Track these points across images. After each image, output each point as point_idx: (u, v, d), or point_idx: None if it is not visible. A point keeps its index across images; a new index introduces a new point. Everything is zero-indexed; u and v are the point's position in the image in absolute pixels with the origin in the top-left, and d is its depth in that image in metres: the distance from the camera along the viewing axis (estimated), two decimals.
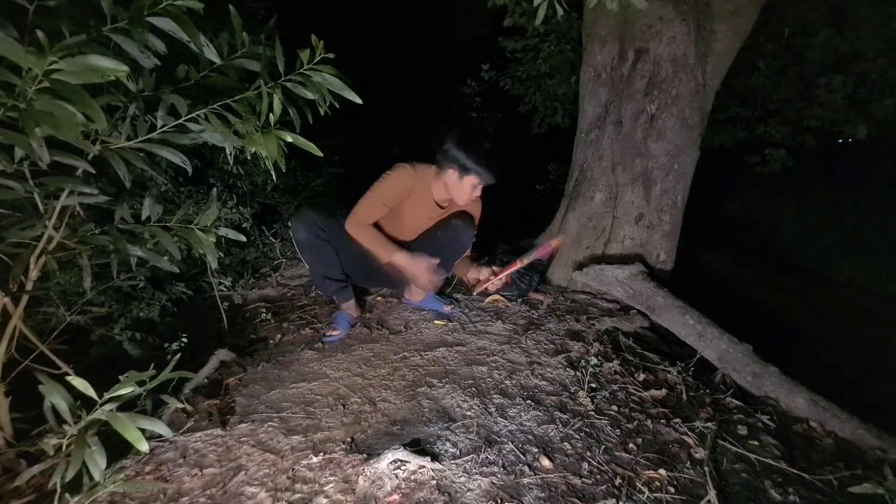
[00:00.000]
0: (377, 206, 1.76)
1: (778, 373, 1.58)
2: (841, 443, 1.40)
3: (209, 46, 1.07)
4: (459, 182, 1.75)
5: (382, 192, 1.75)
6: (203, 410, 1.41)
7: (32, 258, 1.08)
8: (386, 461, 1.13)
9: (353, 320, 1.93)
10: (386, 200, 1.76)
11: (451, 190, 1.79)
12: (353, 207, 1.76)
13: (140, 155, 1.09)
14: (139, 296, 1.87)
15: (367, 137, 4.57)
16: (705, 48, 2.06)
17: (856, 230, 4.78)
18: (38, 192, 1.04)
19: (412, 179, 1.77)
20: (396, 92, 5.35)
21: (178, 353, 1.37)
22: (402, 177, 1.75)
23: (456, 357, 1.68)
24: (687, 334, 1.82)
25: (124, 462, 1.18)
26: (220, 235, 1.31)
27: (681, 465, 1.23)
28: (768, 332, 1.93)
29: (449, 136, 1.73)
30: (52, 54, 0.79)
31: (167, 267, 1.25)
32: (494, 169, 1.74)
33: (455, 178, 1.74)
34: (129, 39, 0.94)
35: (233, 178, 2.37)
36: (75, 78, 0.81)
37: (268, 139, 1.17)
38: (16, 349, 1.11)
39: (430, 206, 1.87)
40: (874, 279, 4.02)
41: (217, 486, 1.12)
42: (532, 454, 1.22)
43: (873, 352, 2.87)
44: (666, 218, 2.18)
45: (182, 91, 1.13)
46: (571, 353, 1.70)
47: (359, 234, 1.76)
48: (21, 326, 1.10)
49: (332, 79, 1.18)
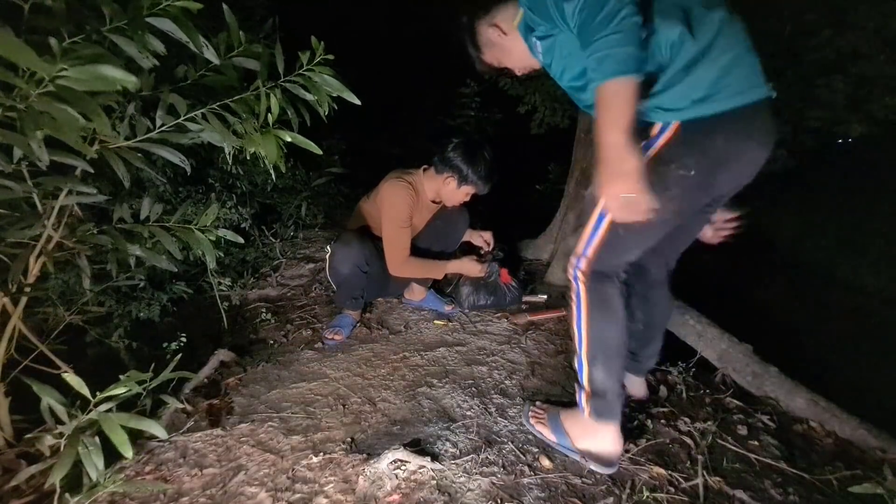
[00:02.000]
0: (403, 234, 1.81)
1: (778, 373, 1.58)
2: (841, 443, 1.40)
3: (208, 47, 1.07)
4: (457, 189, 1.81)
5: (399, 219, 1.79)
6: (203, 410, 1.41)
7: (31, 258, 1.08)
8: (386, 461, 1.13)
9: (355, 323, 1.94)
10: (405, 223, 1.81)
11: (445, 194, 1.86)
12: (386, 252, 1.83)
13: (138, 155, 1.09)
14: (139, 296, 1.87)
15: (367, 137, 4.56)
16: None
17: (856, 230, 4.77)
18: (36, 191, 1.04)
19: (412, 193, 1.82)
20: (396, 92, 5.35)
21: (178, 353, 1.37)
22: (405, 196, 1.79)
23: (456, 357, 1.68)
24: (687, 334, 1.82)
25: (124, 462, 1.18)
26: (219, 236, 1.31)
27: (681, 465, 1.23)
28: (768, 332, 1.93)
29: (452, 146, 1.77)
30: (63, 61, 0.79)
31: (166, 266, 1.25)
32: (492, 181, 1.82)
33: (453, 186, 1.81)
34: (127, 40, 0.93)
35: (232, 178, 2.37)
36: (82, 85, 0.82)
37: (266, 139, 1.17)
38: (15, 349, 1.11)
39: (428, 206, 1.94)
40: (874, 279, 4.02)
41: (217, 486, 1.12)
42: (532, 454, 1.22)
43: (873, 352, 2.86)
44: None
45: (181, 91, 1.13)
46: (571, 353, 1.69)
47: (408, 272, 1.89)
48: (21, 326, 1.10)
49: (331, 80, 1.18)
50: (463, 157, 1.76)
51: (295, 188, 2.81)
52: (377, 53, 5.55)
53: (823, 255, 4.59)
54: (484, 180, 1.79)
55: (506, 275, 2.02)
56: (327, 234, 2.84)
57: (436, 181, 1.84)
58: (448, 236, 2.03)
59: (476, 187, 1.81)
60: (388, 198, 1.79)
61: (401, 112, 5.56)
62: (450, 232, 2.02)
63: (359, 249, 1.78)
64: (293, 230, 2.80)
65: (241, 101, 1.16)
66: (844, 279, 4.16)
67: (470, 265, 1.97)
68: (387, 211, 1.79)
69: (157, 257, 1.23)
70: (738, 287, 4.00)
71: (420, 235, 1.98)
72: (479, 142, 1.80)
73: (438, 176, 1.81)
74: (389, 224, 1.79)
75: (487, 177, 1.79)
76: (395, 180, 1.81)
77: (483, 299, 2.03)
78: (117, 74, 0.82)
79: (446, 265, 1.97)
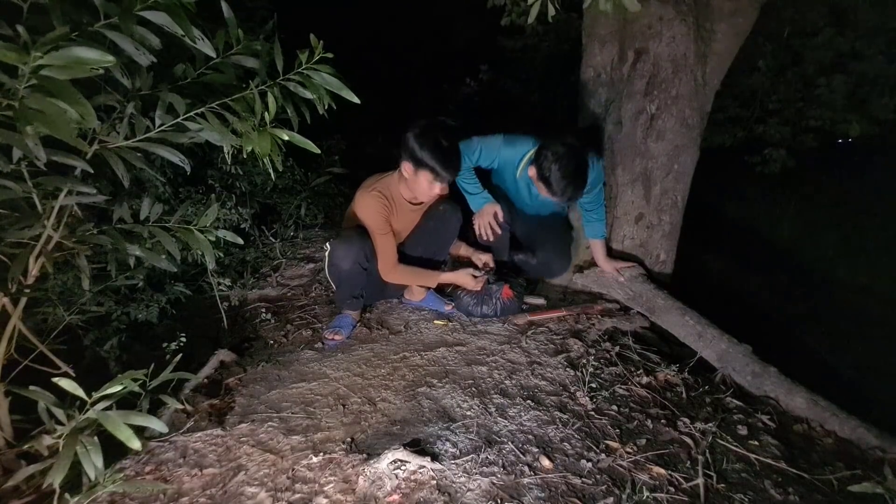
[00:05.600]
0: (384, 240, 1.80)
1: (778, 373, 1.58)
2: (841, 443, 1.40)
3: (203, 40, 1.06)
4: (415, 176, 1.71)
5: (377, 227, 1.78)
6: (203, 410, 1.41)
7: (31, 258, 1.08)
8: (386, 461, 1.12)
9: (355, 323, 1.94)
10: (383, 229, 1.79)
11: (411, 185, 1.77)
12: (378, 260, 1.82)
13: (138, 154, 1.08)
14: (138, 297, 1.87)
15: (367, 137, 4.56)
16: (705, 48, 2.05)
17: (856, 230, 4.77)
18: (36, 191, 1.04)
19: (382, 199, 1.79)
20: (396, 91, 5.35)
21: (178, 353, 1.37)
22: (374, 205, 1.77)
23: (456, 357, 1.68)
24: (687, 335, 1.82)
25: (124, 462, 1.18)
26: (219, 236, 1.31)
27: (681, 465, 1.23)
28: (768, 332, 1.93)
29: (409, 127, 1.68)
30: (36, 49, 0.78)
31: (166, 266, 1.25)
32: (451, 166, 1.69)
33: (410, 171, 1.71)
34: (122, 35, 0.93)
35: (231, 178, 2.36)
36: (63, 73, 0.80)
37: (262, 137, 1.17)
38: (15, 349, 1.11)
39: (408, 207, 1.89)
40: (874, 280, 4.01)
41: (217, 486, 1.12)
42: (532, 454, 1.22)
43: (873, 352, 2.86)
44: (666, 218, 2.17)
45: (180, 90, 1.13)
46: (571, 353, 1.70)
47: (399, 278, 1.90)
48: (20, 327, 1.10)
49: (330, 78, 1.18)
50: (417, 139, 1.64)
51: (295, 188, 2.80)
52: (377, 53, 5.56)
53: (823, 254, 4.59)
54: (440, 164, 1.65)
55: (507, 290, 1.98)
56: (327, 234, 2.84)
57: (403, 178, 1.76)
58: (439, 236, 1.99)
59: (433, 173, 1.67)
60: (360, 209, 1.79)
61: (400, 112, 5.55)
62: (441, 231, 1.98)
63: (359, 245, 1.77)
64: (293, 230, 2.80)
65: (241, 99, 1.16)
66: (844, 279, 4.16)
67: (465, 278, 1.94)
68: (364, 221, 1.79)
69: (157, 258, 1.23)
70: (739, 287, 4.00)
71: (412, 236, 1.97)
72: (440, 125, 1.68)
73: (401, 160, 1.72)
74: (370, 233, 1.79)
75: (444, 160, 1.66)
76: (365, 190, 1.80)
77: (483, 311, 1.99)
78: (93, 55, 0.81)
79: (439, 275, 1.95)
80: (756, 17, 2.05)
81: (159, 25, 0.97)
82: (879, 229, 4.59)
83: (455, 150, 1.71)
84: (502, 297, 1.97)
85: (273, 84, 1.16)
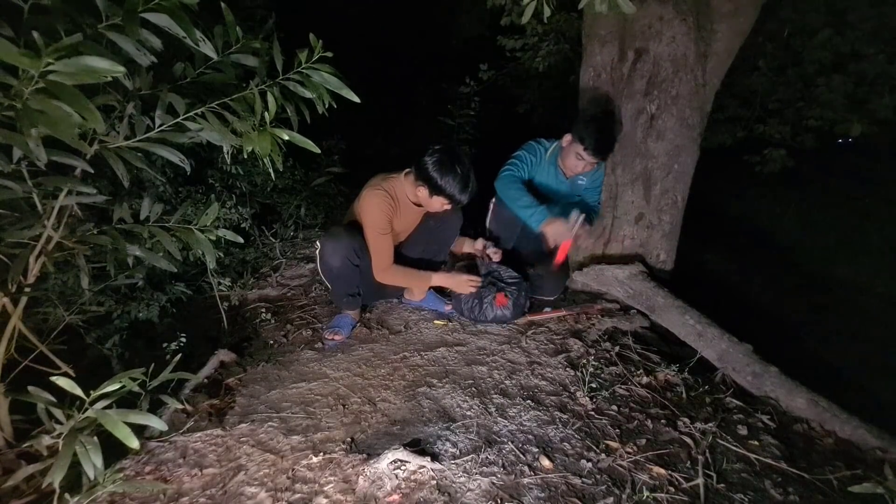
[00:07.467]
0: (382, 240, 1.81)
1: (778, 373, 1.58)
2: (841, 443, 1.40)
3: (205, 42, 1.06)
4: (430, 199, 1.79)
5: (378, 226, 1.78)
6: (203, 410, 1.41)
7: (31, 258, 1.08)
8: (386, 461, 1.12)
9: (354, 323, 1.93)
10: (383, 229, 1.80)
11: (422, 200, 1.83)
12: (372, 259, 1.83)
13: (138, 154, 1.08)
14: (138, 296, 1.87)
15: (367, 137, 4.56)
16: (705, 48, 2.05)
17: (856, 230, 4.77)
18: (36, 191, 1.04)
19: (388, 199, 1.80)
20: (395, 91, 5.35)
21: (178, 353, 1.37)
22: (380, 204, 1.78)
23: (456, 357, 1.68)
24: (687, 334, 1.82)
25: (124, 462, 1.18)
26: (219, 236, 1.31)
27: (681, 465, 1.23)
28: (768, 332, 1.93)
29: (429, 153, 1.73)
30: (48, 56, 0.78)
31: (166, 266, 1.25)
32: (466, 193, 1.77)
33: (425, 195, 1.78)
34: (124, 37, 0.93)
35: (232, 178, 2.37)
36: (71, 79, 0.81)
37: (262, 137, 1.17)
38: (15, 349, 1.11)
39: (412, 209, 1.90)
40: (874, 279, 4.01)
41: (217, 486, 1.12)
42: (532, 454, 1.22)
43: (873, 352, 2.86)
44: (666, 218, 2.17)
45: (179, 90, 1.13)
46: (571, 353, 1.69)
47: (391, 279, 1.89)
48: (21, 327, 1.10)
49: (330, 78, 1.18)
50: (435, 168, 1.71)
51: (295, 188, 2.80)
52: (377, 53, 5.55)
53: (823, 254, 4.59)
54: (457, 193, 1.74)
55: (501, 298, 1.95)
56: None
57: (414, 186, 1.80)
58: (440, 235, 2.01)
59: (449, 200, 1.77)
60: (365, 206, 1.79)
61: (400, 112, 5.55)
62: (442, 231, 1.99)
63: (348, 241, 1.77)
64: (293, 230, 2.80)
65: (241, 99, 1.16)
66: (844, 279, 4.16)
67: (457, 280, 1.94)
68: (365, 218, 1.79)
69: (157, 257, 1.23)
70: (739, 287, 4.00)
71: (412, 235, 1.98)
72: (456, 153, 1.74)
73: (416, 181, 1.78)
74: (369, 231, 1.79)
75: (460, 191, 1.74)
76: (372, 189, 1.80)
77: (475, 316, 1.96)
78: (104, 65, 0.81)
79: (431, 276, 1.95)
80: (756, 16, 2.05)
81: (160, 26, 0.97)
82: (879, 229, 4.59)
83: (470, 176, 1.76)
84: (495, 305, 1.95)
85: (273, 83, 1.16)
